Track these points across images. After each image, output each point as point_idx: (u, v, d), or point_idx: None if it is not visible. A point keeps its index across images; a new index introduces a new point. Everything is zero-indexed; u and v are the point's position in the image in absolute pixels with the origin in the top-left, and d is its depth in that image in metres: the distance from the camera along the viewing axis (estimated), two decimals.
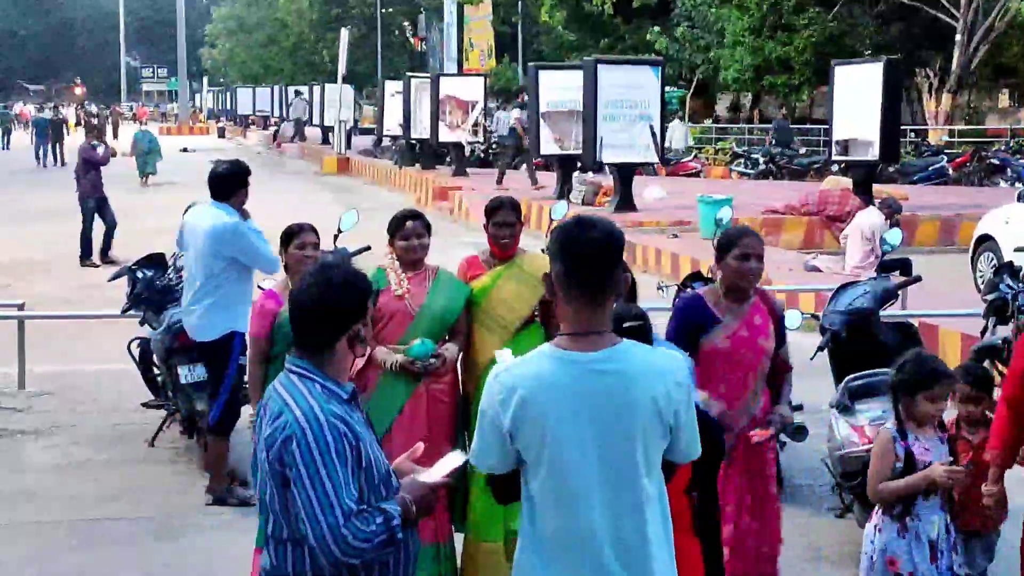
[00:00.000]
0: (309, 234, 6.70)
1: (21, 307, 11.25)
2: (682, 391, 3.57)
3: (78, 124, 52.28)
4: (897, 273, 9.56)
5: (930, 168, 28.92)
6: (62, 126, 45.69)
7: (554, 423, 3.45)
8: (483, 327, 6.24)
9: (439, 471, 3.60)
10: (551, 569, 3.53)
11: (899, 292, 8.90)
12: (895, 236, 8.90)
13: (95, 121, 42.43)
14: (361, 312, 3.62)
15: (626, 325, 4.06)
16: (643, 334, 4.19)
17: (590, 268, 3.47)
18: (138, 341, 9.38)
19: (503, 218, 6.26)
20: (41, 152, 43.21)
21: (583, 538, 3.49)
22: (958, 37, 33.73)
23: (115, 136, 54.22)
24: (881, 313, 8.15)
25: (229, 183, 8.01)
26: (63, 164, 40.49)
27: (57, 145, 43.50)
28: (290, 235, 6.68)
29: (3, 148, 54.70)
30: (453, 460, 3.59)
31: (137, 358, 9.39)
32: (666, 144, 31.39)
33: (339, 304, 3.58)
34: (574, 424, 3.45)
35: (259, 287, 7.25)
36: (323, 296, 3.57)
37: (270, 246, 7.73)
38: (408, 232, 6.27)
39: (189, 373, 8.42)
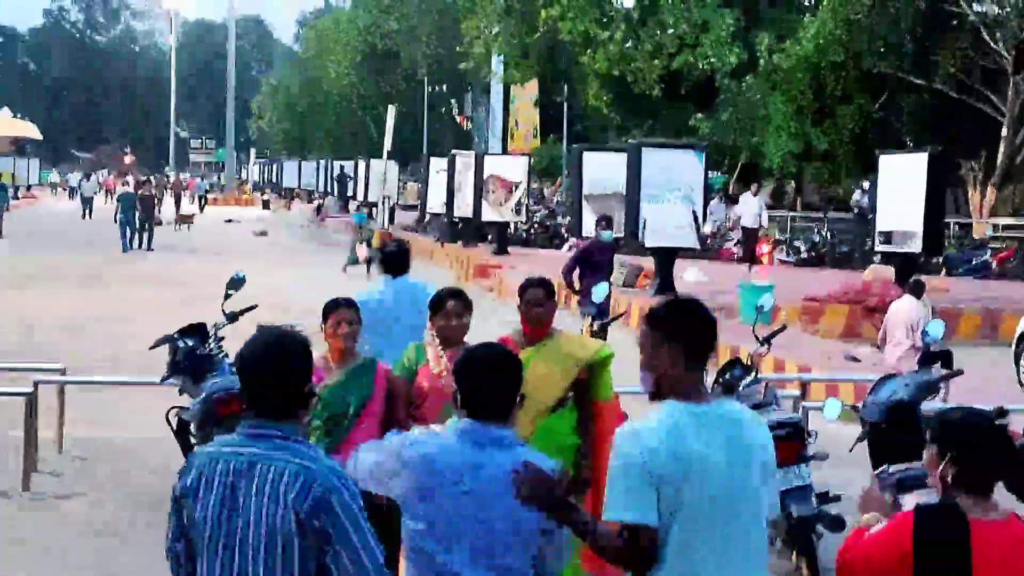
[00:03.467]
0: (344, 311, 6.68)
1: (63, 372, 11.33)
2: (771, 444, 4.18)
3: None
4: (939, 365, 9.48)
5: (974, 261, 28.79)
6: (153, 202, 38.29)
7: (696, 462, 3.90)
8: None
9: None
10: None
11: (941, 385, 8.83)
12: (937, 328, 8.86)
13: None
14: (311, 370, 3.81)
15: None
16: None
17: (706, 340, 4.14)
18: (176, 410, 9.42)
19: (535, 297, 6.27)
20: (129, 234, 35.57)
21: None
22: (1004, 131, 33.72)
23: (177, 207, 51.55)
24: (922, 406, 8.09)
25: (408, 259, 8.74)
26: (150, 248, 35.84)
27: (147, 225, 36.40)
28: (327, 311, 6.70)
29: (84, 217, 52.64)
30: None
31: (175, 427, 9.42)
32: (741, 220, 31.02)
33: (298, 369, 3.72)
34: (709, 462, 3.91)
35: None
36: (284, 363, 3.69)
37: None
38: (449, 311, 6.36)
39: None
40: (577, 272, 15.77)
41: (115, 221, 35.96)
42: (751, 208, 28.43)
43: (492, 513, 4.00)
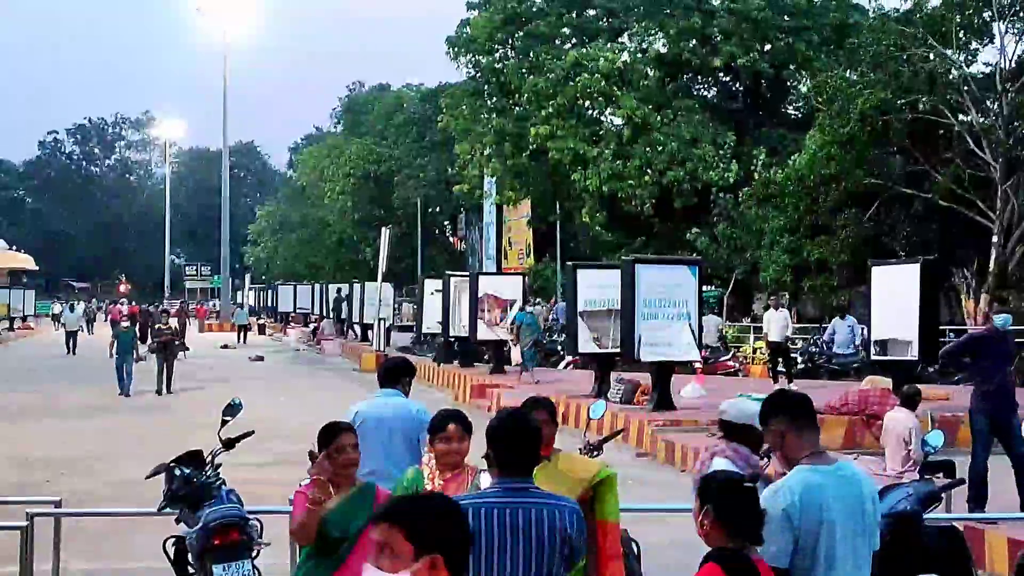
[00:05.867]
0: (345, 436, 6.63)
1: (58, 504, 11.23)
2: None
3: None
4: (940, 475, 9.44)
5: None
6: (174, 339, 32.21)
7: (826, 512, 5.05)
8: None
9: None
10: None
11: (943, 495, 8.78)
12: (936, 438, 8.83)
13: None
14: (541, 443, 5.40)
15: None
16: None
17: (810, 411, 5.39)
18: (174, 539, 9.30)
19: (538, 418, 6.25)
20: (125, 373, 29.68)
21: None
22: (994, 238, 33.92)
23: (182, 336, 42.94)
24: (925, 516, 8.02)
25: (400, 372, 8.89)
26: (169, 391, 30.17)
27: (165, 367, 30.42)
28: (328, 435, 6.64)
29: (68, 352, 46.92)
30: None
31: (172, 556, 9.29)
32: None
33: (537, 439, 5.23)
34: (833, 512, 5.06)
35: (300, 483, 7.23)
36: (530, 434, 5.16)
37: None
38: (449, 435, 6.38)
39: (223, 572, 8.33)
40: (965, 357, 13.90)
41: (110, 355, 30.79)
42: (778, 322, 28.31)
43: None
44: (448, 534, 3.46)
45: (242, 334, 57.29)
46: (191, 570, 9.19)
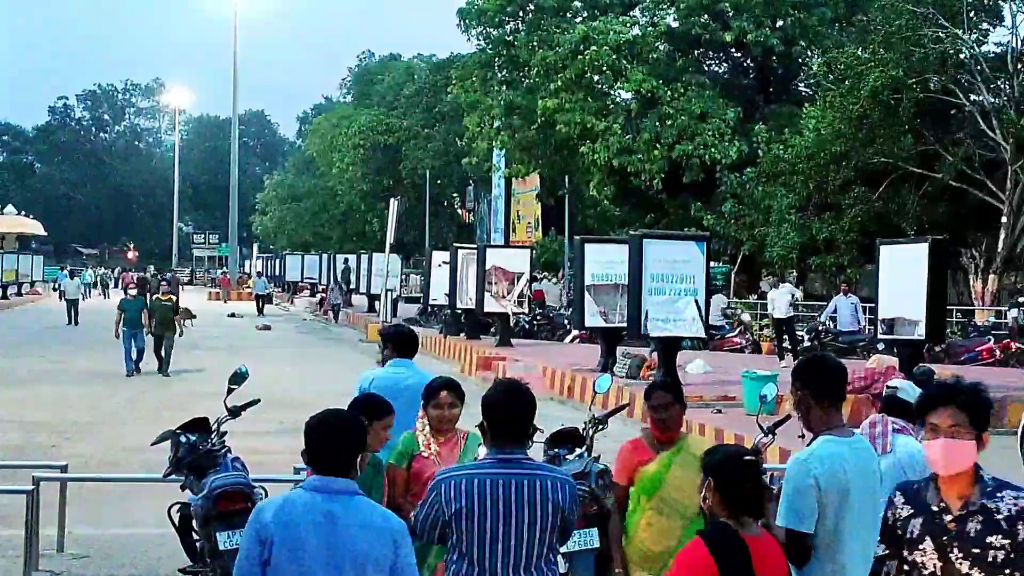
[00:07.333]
0: (390, 419, 6.72)
1: (64, 468, 11.27)
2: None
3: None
4: None
5: (976, 349, 28.72)
6: (172, 313, 27.08)
7: (847, 482, 5.28)
8: (659, 514, 6.23)
9: None
10: None
11: None
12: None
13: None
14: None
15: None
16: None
17: (838, 386, 5.55)
18: (178, 506, 9.32)
19: (660, 401, 6.38)
20: (135, 348, 26.42)
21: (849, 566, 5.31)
22: (1004, 219, 33.85)
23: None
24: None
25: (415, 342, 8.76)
26: (166, 372, 26.42)
27: (164, 346, 26.55)
28: (377, 414, 6.70)
29: (70, 323, 43.62)
30: None
31: (177, 523, 9.32)
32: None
33: (532, 410, 5.26)
34: (852, 483, 5.29)
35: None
36: (525, 405, 5.24)
37: None
38: (441, 401, 6.70)
39: (228, 539, 8.35)
40: None
41: (116, 335, 26.71)
42: (784, 299, 28.32)
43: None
44: None
45: (260, 304, 55.93)
46: (195, 537, 9.22)
